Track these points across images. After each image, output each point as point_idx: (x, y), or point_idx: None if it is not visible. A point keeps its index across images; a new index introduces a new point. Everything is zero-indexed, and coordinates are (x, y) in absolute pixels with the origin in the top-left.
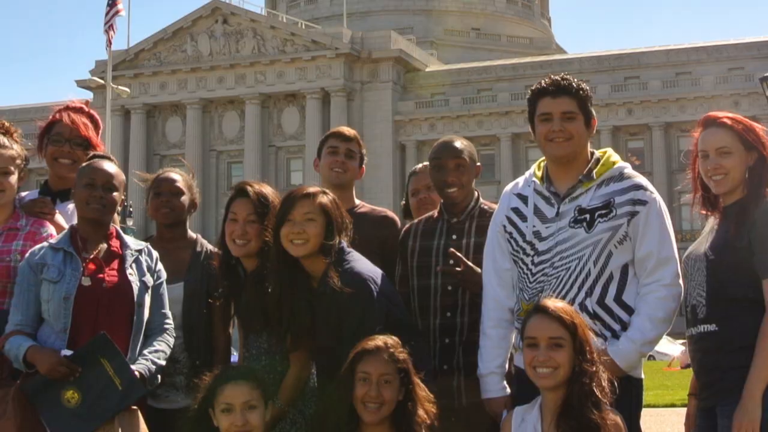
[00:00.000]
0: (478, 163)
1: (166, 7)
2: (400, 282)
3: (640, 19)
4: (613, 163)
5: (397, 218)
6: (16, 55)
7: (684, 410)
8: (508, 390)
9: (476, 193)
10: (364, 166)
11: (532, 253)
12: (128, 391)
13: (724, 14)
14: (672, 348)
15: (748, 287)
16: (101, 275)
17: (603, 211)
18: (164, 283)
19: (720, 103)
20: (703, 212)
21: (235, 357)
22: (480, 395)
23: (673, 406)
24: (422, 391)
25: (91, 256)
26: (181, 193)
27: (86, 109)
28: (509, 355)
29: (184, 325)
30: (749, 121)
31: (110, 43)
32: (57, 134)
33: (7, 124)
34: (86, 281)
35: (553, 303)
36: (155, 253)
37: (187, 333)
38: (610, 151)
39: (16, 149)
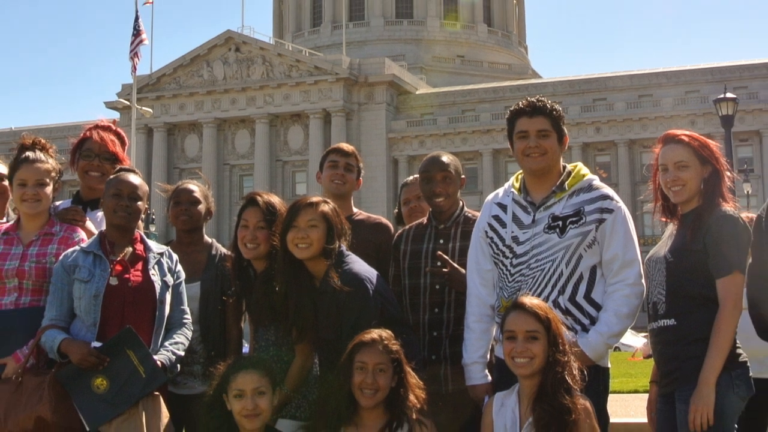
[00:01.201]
0: (463, 176)
1: (184, 36)
2: (393, 281)
3: (606, 47)
4: (583, 175)
5: (390, 225)
6: (51, 79)
7: (646, 396)
8: (490, 378)
9: (461, 202)
10: (361, 178)
11: (510, 255)
12: (151, 379)
13: (682, 42)
14: (635, 340)
15: (704, 286)
16: (127, 275)
17: (574, 219)
18: (183, 282)
19: (678, 122)
20: (663, 219)
21: (246, 348)
22: (465, 382)
23: (636, 392)
24: (413, 378)
25: (118, 259)
26: (198, 202)
27: (114, 128)
28: (490, 347)
29: (200, 319)
30: (704, 138)
31: (135, 69)
32: (88, 150)
33: (43, 141)
34: (114, 281)
35: (530, 300)
36: (175, 256)
37: (204, 327)
38: (580, 165)
39: (51, 163)
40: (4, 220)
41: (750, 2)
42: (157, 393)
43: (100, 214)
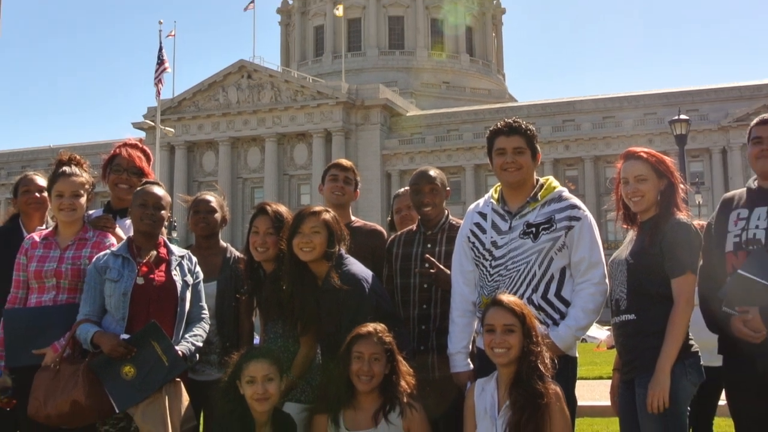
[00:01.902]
0: (448, 188)
1: (202, 64)
2: (386, 281)
3: (574, 74)
4: (554, 187)
5: (384, 231)
6: (85, 102)
7: (609, 382)
8: (471, 366)
9: (446, 211)
10: (358, 190)
11: (490, 258)
12: (173, 367)
13: (641, 70)
14: (600, 333)
15: (660, 285)
16: (152, 276)
17: (546, 226)
18: (201, 281)
19: (638, 140)
20: (625, 226)
21: (256, 340)
22: (449, 370)
23: (600, 378)
24: (404, 366)
25: (144, 261)
26: (214, 211)
27: (140, 145)
28: (472, 338)
29: (216, 314)
30: (661, 154)
31: (159, 94)
32: (117, 165)
33: (78, 157)
34: (140, 280)
35: (507, 297)
36: (194, 258)
37: (219, 321)
38: (551, 178)
39: (85, 177)
40: (44, 226)
41: (701, 35)
42: (178, 379)
43: (128, 221)
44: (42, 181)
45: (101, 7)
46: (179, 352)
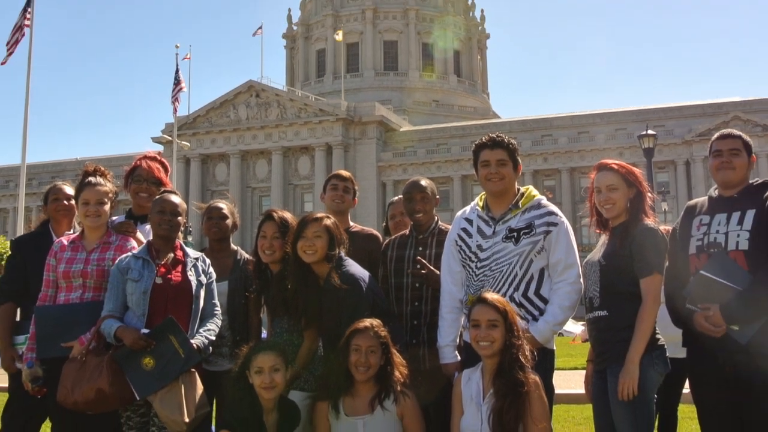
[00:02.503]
0: (437, 196)
1: (215, 84)
2: (381, 280)
3: (552, 93)
4: (534, 196)
5: (379, 235)
6: (108, 118)
7: (584, 372)
8: (459, 357)
9: (436, 218)
10: (356, 198)
11: (476, 260)
12: (188, 359)
13: (612, 89)
14: (575, 327)
15: (630, 284)
16: (169, 276)
17: (526, 231)
18: (214, 281)
19: (609, 153)
20: (598, 231)
21: (264, 334)
22: (439, 361)
23: (576, 368)
24: (397, 358)
25: (162, 262)
26: (226, 217)
27: (158, 158)
28: (460, 333)
29: (228, 311)
30: (630, 166)
31: (176, 111)
32: (138, 176)
33: (102, 168)
34: (159, 280)
35: (491, 295)
36: (208, 260)
37: (231, 317)
38: (531, 187)
39: (108, 186)
40: (71, 231)
41: (667, 57)
42: (193, 370)
43: (147, 226)
44: (70, 190)
45: (124, 33)
46: (194, 345)
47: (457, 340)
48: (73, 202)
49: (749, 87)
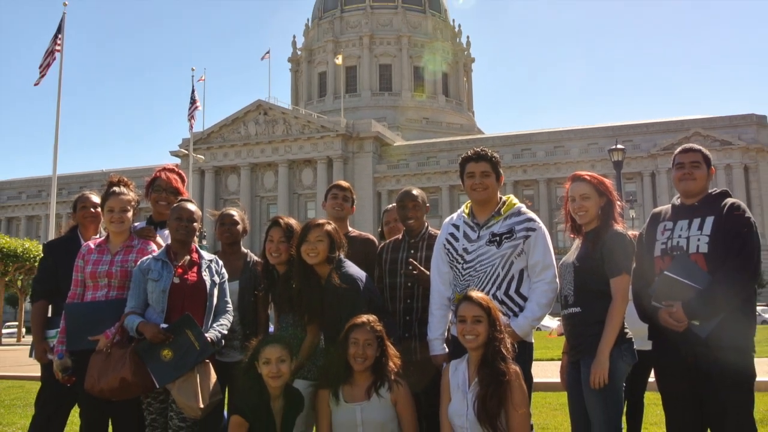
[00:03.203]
0: (428, 204)
1: (227, 102)
2: (377, 280)
3: (531, 111)
4: (514, 204)
5: (375, 239)
6: (131, 134)
7: (559, 363)
8: (447, 349)
9: (426, 224)
10: (354, 206)
11: (462, 261)
12: (203, 351)
13: (586, 107)
14: (552, 322)
15: (601, 284)
16: (186, 276)
17: (507, 235)
18: (226, 281)
19: (582, 166)
20: (572, 236)
21: (271, 329)
22: (429, 353)
23: (552, 360)
24: (392, 350)
25: (180, 264)
26: (237, 223)
27: (176, 170)
28: (447, 327)
29: (239, 308)
30: (601, 177)
31: (192, 128)
32: (158, 186)
33: (125, 179)
34: (176, 280)
35: (476, 294)
36: (220, 262)
37: (241, 313)
38: (512, 196)
39: (131, 195)
40: (98, 236)
41: (635, 78)
42: (207, 361)
43: (166, 232)
44: (96, 198)
45: (145, 57)
46: (208, 339)
47: (446, 334)
48: (99, 209)
49: (709, 106)
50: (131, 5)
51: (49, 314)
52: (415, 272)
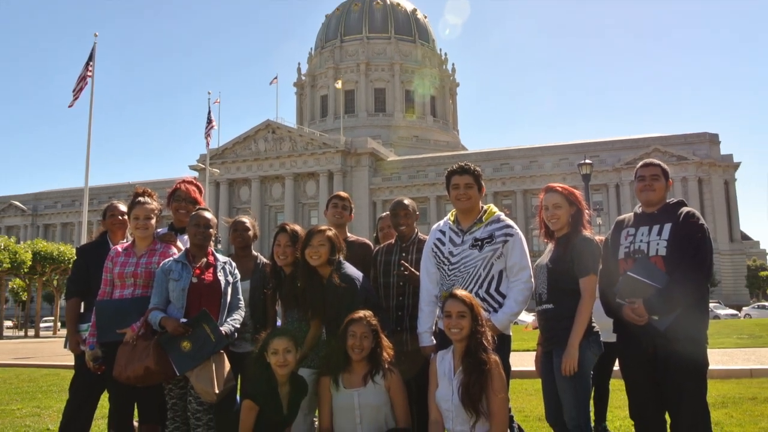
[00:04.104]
0: (417, 213)
1: (239, 121)
2: (372, 280)
3: (509, 129)
4: (494, 212)
5: (371, 244)
6: (154, 149)
7: (534, 353)
8: (434, 341)
9: (416, 230)
10: (352, 214)
11: (448, 263)
12: (218, 342)
13: (557, 126)
14: (527, 317)
15: (571, 283)
16: (203, 276)
17: (488, 240)
18: (239, 280)
19: (555, 179)
20: (545, 240)
21: (279, 323)
22: (419, 344)
23: (528, 350)
24: (385, 342)
25: (197, 265)
26: (248, 229)
27: (194, 182)
28: (435, 321)
29: (250, 304)
30: (571, 188)
31: (208, 144)
32: (178, 196)
33: (149, 190)
34: (194, 280)
35: (460, 292)
36: (234, 264)
37: (252, 309)
38: (492, 205)
39: (154, 205)
40: (125, 240)
41: (600, 100)
42: (222, 351)
43: (185, 237)
44: (123, 207)
45: (167, 82)
46: (223, 332)
47: (433, 328)
48: (126, 217)
49: (667, 125)
50: (155, 37)
51: (82, 310)
52: (406, 273)
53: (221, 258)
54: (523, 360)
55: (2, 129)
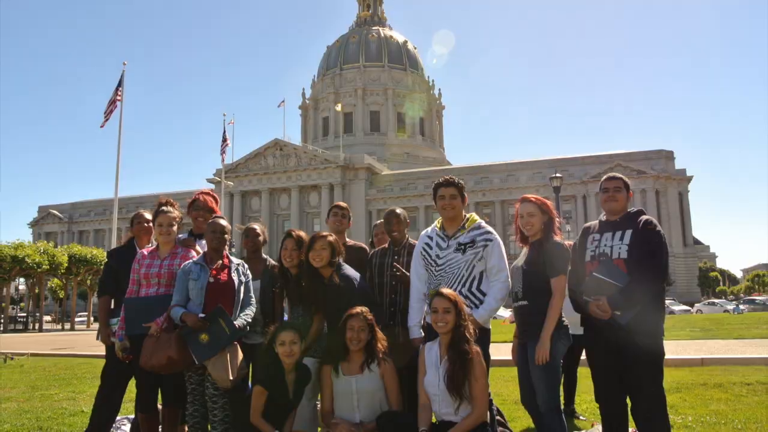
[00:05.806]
0: (408, 221)
1: (251, 139)
2: (368, 280)
3: (489, 146)
4: (476, 220)
5: (367, 248)
6: (175, 164)
7: (511, 344)
8: (423, 334)
9: (407, 236)
10: (350, 222)
11: (435, 265)
12: (232, 335)
13: (532, 143)
14: (505, 313)
15: (543, 282)
16: (219, 276)
17: (470, 245)
18: (250, 280)
19: (529, 190)
20: (521, 245)
21: (285, 318)
22: (409, 337)
23: (505, 342)
24: (380, 334)
25: (214, 267)
26: (258, 235)
27: (211, 193)
28: (424, 316)
29: (260, 301)
30: (544, 199)
31: (223, 160)
32: (197, 205)
33: (171, 200)
34: (211, 279)
35: (446, 290)
36: (246, 265)
37: (262, 305)
38: (474, 214)
39: (176, 213)
40: (150, 245)
41: (570, 121)
42: (236, 343)
43: (203, 241)
44: (149, 216)
45: (187, 104)
46: (236, 326)
47: (422, 322)
48: (151, 224)
49: (628, 142)
50: (177, 64)
51: (112, 306)
52: (398, 273)
53: (235, 260)
54: (501, 350)
55: (43, 145)
